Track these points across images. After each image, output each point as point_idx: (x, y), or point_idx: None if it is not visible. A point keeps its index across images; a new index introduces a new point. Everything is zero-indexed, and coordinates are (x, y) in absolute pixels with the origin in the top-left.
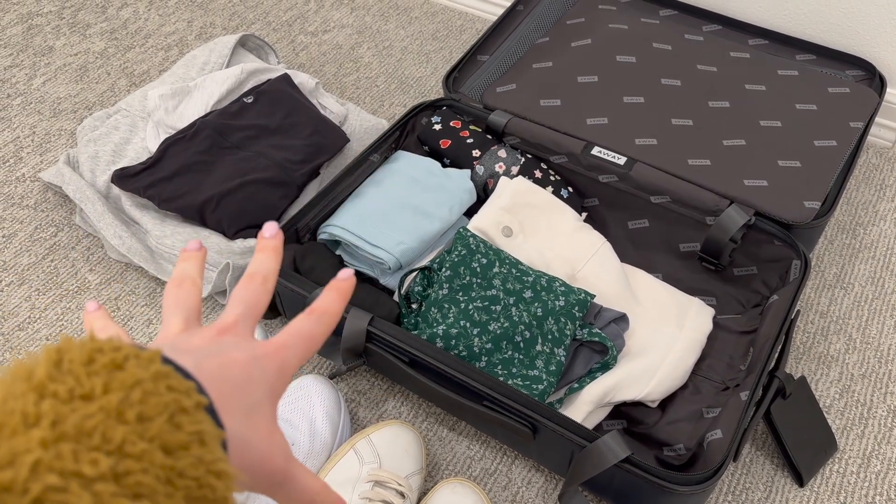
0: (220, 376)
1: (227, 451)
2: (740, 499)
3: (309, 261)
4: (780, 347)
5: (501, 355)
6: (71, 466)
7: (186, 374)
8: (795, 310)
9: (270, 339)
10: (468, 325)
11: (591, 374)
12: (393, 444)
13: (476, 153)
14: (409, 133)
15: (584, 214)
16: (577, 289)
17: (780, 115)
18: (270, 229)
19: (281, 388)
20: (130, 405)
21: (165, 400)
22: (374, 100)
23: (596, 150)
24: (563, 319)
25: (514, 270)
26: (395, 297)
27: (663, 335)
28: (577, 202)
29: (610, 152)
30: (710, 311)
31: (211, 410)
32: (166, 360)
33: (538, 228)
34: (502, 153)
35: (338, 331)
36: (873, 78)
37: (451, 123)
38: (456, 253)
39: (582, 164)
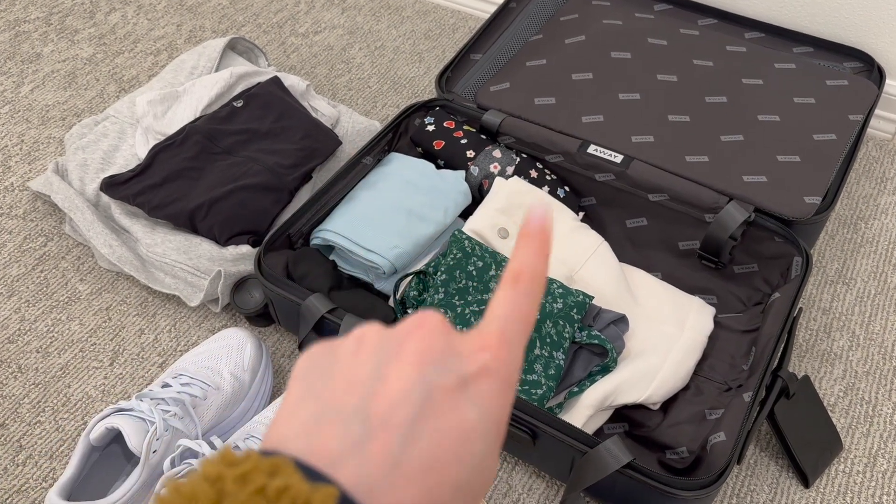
0: (420, 476)
1: None
2: (745, 501)
3: (302, 267)
4: (782, 346)
5: None
6: None
7: None
8: (798, 307)
9: (480, 331)
10: (465, 329)
11: (591, 378)
12: None
13: (470, 154)
14: (401, 135)
15: (582, 214)
16: (576, 290)
17: (778, 109)
18: (539, 214)
19: (508, 408)
20: None
21: None
22: (367, 101)
23: (592, 149)
24: (561, 322)
25: None
26: (391, 303)
27: (664, 336)
28: (573, 202)
29: (606, 150)
30: (711, 311)
31: None
32: (343, 502)
33: None
34: (497, 153)
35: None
36: (872, 70)
37: (444, 124)
38: (451, 256)
39: (578, 163)
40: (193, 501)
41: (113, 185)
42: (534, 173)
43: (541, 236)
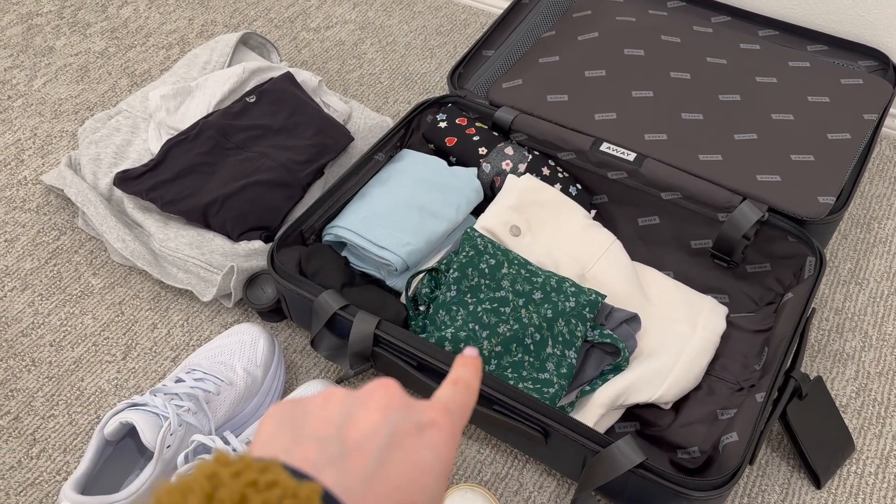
0: (390, 493)
1: None
2: (756, 502)
3: (314, 263)
4: (795, 347)
5: (511, 358)
6: None
7: None
8: (811, 308)
9: (429, 400)
10: (477, 327)
11: (603, 377)
12: None
13: (482, 151)
14: (413, 131)
15: (594, 212)
16: (588, 289)
17: (792, 108)
18: (472, 351)
19: (452, 461)
20: None
21: None
22: (378, 96)
23: (605, 146)
24: (573, 321)
25: (522, 271)
26: (403, 300)
27: (676, 335)
28: (585, 199)
29: (619, 148)
30: (724, 310)
31: None
32: (326, 498)
33: (546, 227)
34: (509, 150)
35: (345, 334)
36: (887, 68)
37: (456, 120)
38: (464, 254)
39: (590, 161)
40: (189, 493)
41: (126, 180)
42: (546, 171)
43: (473, 362)
